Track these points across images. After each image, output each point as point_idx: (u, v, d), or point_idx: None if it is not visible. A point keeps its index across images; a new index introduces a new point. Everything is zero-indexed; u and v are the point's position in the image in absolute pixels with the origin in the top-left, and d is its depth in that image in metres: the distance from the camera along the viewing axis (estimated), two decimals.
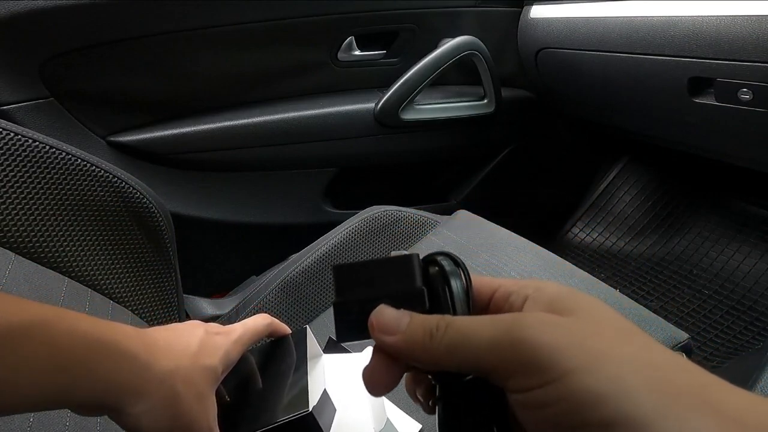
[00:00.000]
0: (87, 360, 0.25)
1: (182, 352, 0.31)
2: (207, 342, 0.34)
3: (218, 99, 1.04)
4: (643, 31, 0.90)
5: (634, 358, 0.15)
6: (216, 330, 0.36)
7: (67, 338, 0.25)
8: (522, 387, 0.16)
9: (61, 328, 0.25)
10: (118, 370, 0.27)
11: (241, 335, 0.37)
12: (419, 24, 1.12)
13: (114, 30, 0.88)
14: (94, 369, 0.26)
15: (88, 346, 0.26)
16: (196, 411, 0.31)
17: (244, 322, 0.39)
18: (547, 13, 1.11)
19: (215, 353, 0.34)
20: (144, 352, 0.29)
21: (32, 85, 0.87)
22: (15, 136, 0.59)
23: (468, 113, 1.16)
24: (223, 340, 0.35)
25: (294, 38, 1.02)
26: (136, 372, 0.28)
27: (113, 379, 0.26)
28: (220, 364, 0.34)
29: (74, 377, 0.25)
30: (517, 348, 0.16)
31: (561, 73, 1.14)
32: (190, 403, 0.31)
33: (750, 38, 0.75)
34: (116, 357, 0.27)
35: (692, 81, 0.86)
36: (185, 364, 0.31)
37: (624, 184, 1.37)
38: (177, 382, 0.30)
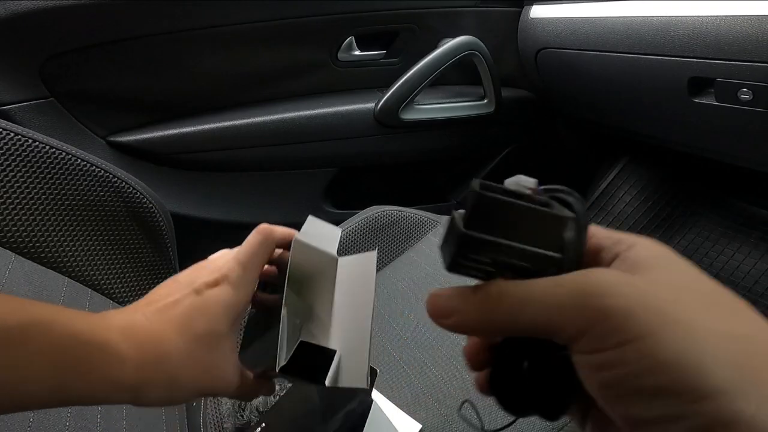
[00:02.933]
0: (81, 361, 0.25)
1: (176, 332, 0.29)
2: (198, 306, 0.31)
3: (218, 99, 1.04)
4: (643, 31, 0.90)
5: (713, 327, 0.15)
6: (205, 281, 0.32)
7: (63, 339, 0.25)
8: (591, 348, 0.16)
9: (56, 328, 0.25)
10: (111, 370, 0.26)
11: (237, 277, 0.32)
12: (419, 24, 1.12)
13: (114, 30, 0.88)
14: (88, 371, 0.26)
15: (82, 347, 0.26)
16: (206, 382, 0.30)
17: (236, 254, 0.34)
18: (547, 13, 1.11)
19: (211, 316, 0.31)
20: (136, 349, 0.28)
21: (32, 85, 0.87)
22: (15, 136, 0.59)
23: (468, 113, 1.16)
24: (216, 295, 0.31)
25: (294, 38, 1.02)
26: (129, 372, 0.27)
27: (109, 378, 0.26)
28: (221, 325, 0.31)
29: (70, 378, 0.25)
30: (590, 308, 0.16)
31: (561, 73, 1.14)
32: (196, 378, 0.30)
33: (750, 38, 0.75)
34: (109, 358, 0.26)
35: (692, 81, 0.86)
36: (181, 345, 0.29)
37: (624, 184, 1.37)
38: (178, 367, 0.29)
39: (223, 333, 0.31)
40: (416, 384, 0.64)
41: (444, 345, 0.68)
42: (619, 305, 0.15)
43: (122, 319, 0.29)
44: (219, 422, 0.66)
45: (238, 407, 0.61)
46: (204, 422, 0.67)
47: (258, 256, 0.34)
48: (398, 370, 0.67)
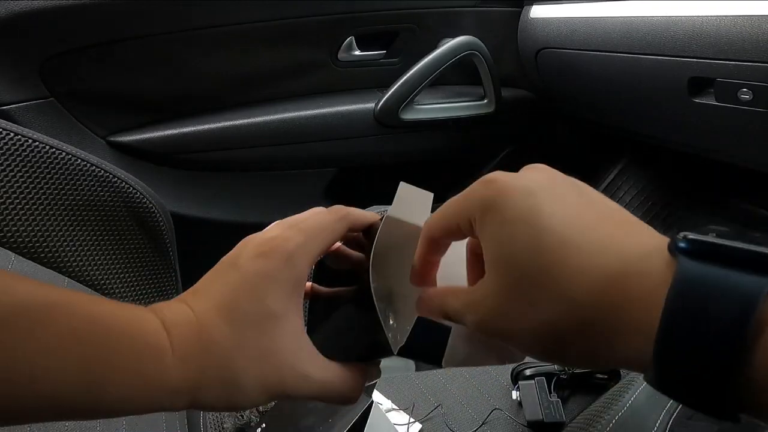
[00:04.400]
0: (110, 352, 0.22)
1: (222, 317, 0.24)
2: (242, 282, 0.25)
3: (218, 99, 1.04)
4: (643, 31, 0.90)
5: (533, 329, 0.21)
6: (251, 253, 0.26)
7: (87, 325, 0.21)
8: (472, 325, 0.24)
9: (79, 312, 0.21)
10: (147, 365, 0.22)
11: (295, 246, 0.26)
12: (419, 24, 1.12)
13: (114, 30, 0.88)
14: (120, 365, 0.22)
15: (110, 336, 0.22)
16: (271, 374, 0.25)
17: (296, 221, 0.28)
18: (547, 13, 1.11)
19: (259, 293, 0.25)
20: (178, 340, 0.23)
21: (32, 85, 0.87)
22: (15, 136, 0.59)
23: (468, 113, 1.16)
24: (263, 268, 0.26)
25: (294, 38, 1.02)
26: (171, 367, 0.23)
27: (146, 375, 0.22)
28: (273, 303, 0.25)
29: (100, 372, 0.21)
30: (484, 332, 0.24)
31: (561, 73, 1.14)
32: (257, 370, 0.24)
33: (750, 38, 0.75)
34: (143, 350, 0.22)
35: (692, 81, 0.86)
36: (229, 331, 0.24)
37: (624, 184, 1.37)
38: (230, 358, 0.24)
39: (277, 313, 0.25)
40: (416, 384, 0.64)
41: None
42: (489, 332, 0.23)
43: (159, 308, 0.25)
44: (219, 422, 0.66)
45: None
46: (204, 422, 0.67)
47: (327, 226, 0.28)
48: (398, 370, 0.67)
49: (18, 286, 0.21)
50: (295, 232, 0.27)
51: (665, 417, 0.49)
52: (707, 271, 0.17)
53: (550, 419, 0.54)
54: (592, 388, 0.58)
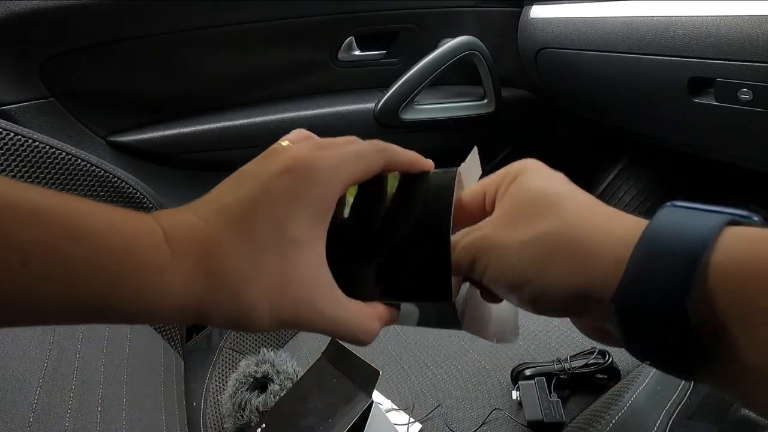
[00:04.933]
0: (105, 264, 0.19)
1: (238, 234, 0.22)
2: (264, 200, 0.23)
3: (218, 99, 1.04)
4: (643, 31, 0.90)
5: (525, 238, 0.23)
6: (275, 169, 0.24)
7: (77, 233, 0.19)
8: (477, 276, 0.26)
9: (59, 222, 0.19)
10: (147, 279, 0.20)
11: (328, 166, 0.24)
12: (419, 24, 1.12)
13: (114, 30, 0.88)
14: (117, 278, 0.20)
15: (104, 248, 0.20)
16: (286, 301, 0.23)
17: (342, 147, 0.26)
18: (547, 13, 1.11)
19: (281, 212, 0.23)
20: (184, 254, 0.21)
21: (32, 85, 0.87)
22: (15, 136, 0.59)
23: (468, 113, 1.16)
24: (289, 186, 0.23)
25: (294, 38, 1.02)
26: (175, 282, 0.21)
27: (149, 290, 0.20)
28: (295, 225, 0.23)
29: (95, 285, 0.19)
30: (469, 257, 0.25)
31: (561, 73, 1.14)
32: (271, 295, 0.22)
33: (750, 38, 0.75)
34: (142, 262, 0.20)
35: (692, 81, 0.86)
36: (244, 249, 0.22)
37: (624, 184, 1.37)
38: (243, 279, 0.22)
39: (298, 238, 0.23)
40: (416, 384, 0.64)
41: (444, 345, 0.68)
42: (477, 252, 0.25)
43: (164, 219, 0.22)
44: (219, 422, 0.66)
45: (238, 407, 0.61)
46: (204, 422, 0.67)
47: (365, 155, 0.26)
48: (398, 370, 0.67)
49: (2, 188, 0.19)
50: (329, 152, 0.25)
51: (665, 417, 0.49)
52: (680, 214, 0.21)
53: (550, 419, 0.54)
54: (592, 388, 0.58)
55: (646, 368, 0.56)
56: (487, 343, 0.66)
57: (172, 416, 0.61)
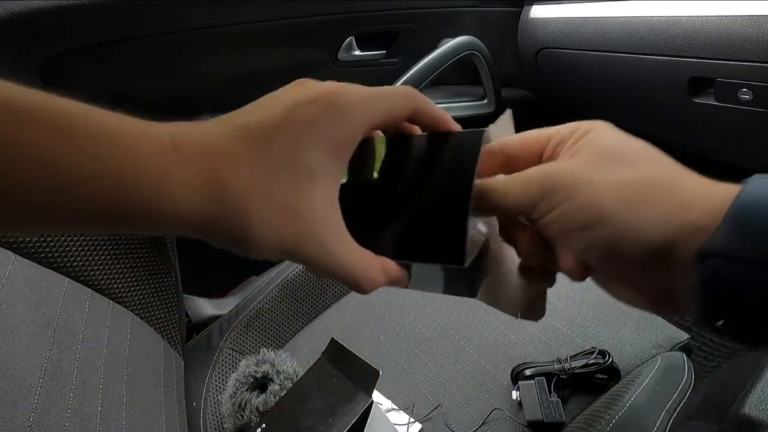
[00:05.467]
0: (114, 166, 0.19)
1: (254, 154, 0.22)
2: (288, 127, 0.22)
3: (218, 99, 1.04)
4: (643, 31, 0.90)
5: (607, 179, 0.23)
6: (304, 98, 0.23)
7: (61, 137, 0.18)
8: (540, 215, 0.24)
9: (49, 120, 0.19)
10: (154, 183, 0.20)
11: (350, 102, 0.24)
12: (419, 24, 1.12)
13: (114, 30, 0.88)
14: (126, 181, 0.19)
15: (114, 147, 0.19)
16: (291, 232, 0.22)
17: (371, 87, 0.25)
18: (547, 13, 1.11)
19: (302, 141, 0.22)
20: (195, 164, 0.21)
21: (32, 85, 0.86)
22: None
23: (468, 113, 1.16)
24: (312, 117, 0.23)
25: (294, 38, 1.02)
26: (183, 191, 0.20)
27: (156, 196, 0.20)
28: (314, 156, 0.22)
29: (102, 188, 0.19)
30: (542, 189, 0.24)
31: (561, 73, 1.14)
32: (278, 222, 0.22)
33: (750, 38, 0.75)
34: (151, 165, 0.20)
35: (692, 81, 0.86)
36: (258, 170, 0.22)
37: None
38: (251, 198, 0.21)
39: (315, 170, 0.22)
40: (416, 384, 0.64)
41: (444, 345, 0.68)
42: (557, 183, 0.23)
43: (173, 127, 0.22)
44: (219, 422, 0.66)
45: (238, 407, 0.61)
46: (204, 422, 0.67)
47: (393, 97, 0.25)
48: (398, 370, 0.67)
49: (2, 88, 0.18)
50: (358, 88, 0.24)
51: (665, 417, 0.49)
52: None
53: (550, 419, 0.54)
54: (592, 388, 0.58)
55: (646, 368, 0.56)
56: (487, 343, 0.66)
57: (172, 416, 0.61)
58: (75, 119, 0.19)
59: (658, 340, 0.61)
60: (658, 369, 0.55)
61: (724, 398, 0.50)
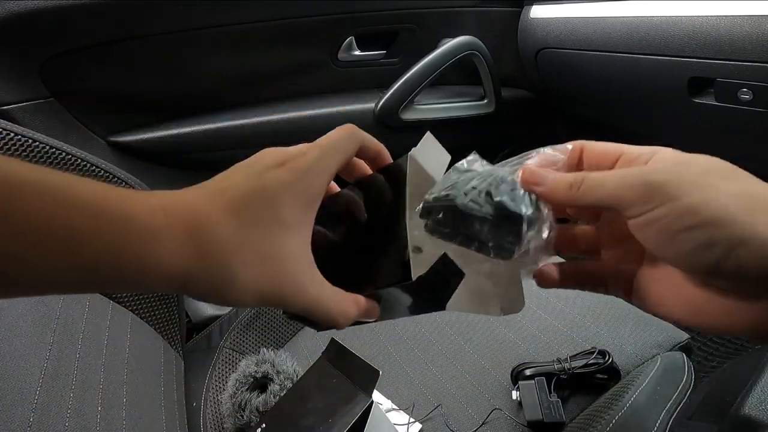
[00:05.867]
0: (104, 234, 0.21)
1: (229, 214, 0.24)
2: (258, 188, 0.25)
3: (218, 99, 1.04)
4: (643, 31, 0.90)
5: (725, 188, 0.22)
6: (269, 162, 0.27)
7: (78, 204, 0.20)
8: (642, 211, 0.23)
9: (61, 195, 0.20)
10: (145, 246, 0.22)
11: (311, 160, 0.27)
12: (419, 24, 1.12)
13: (114, 30, 0.88)
14: (115, 245, 0.21)
15: (104, 216, 0.21)
16: (267, 282, 0.25)
17: (320, 140, 0.28)
18: (547, 13, 1.11)
19: (273, 200, 0.25)
20: (178, 226, 0.23)
21: (32, 85, 0.87)
22: (15, 136, 0.59)
23: (468, 113, 1.16)
24: (281, 177, 0.26)
25: (294, 38, 1.02)
26: (167, 251, 0.22)
27: (144, 256, 0.22)
28: (285, 211, 0.25)
29: (91, 252, 0.20)
30: (646, 184, 0.23)
31: (561, 73, 1.14)
32: (254, 273, 0.24)
33: (750, 38, 0.75)
34: (140, 231, 0.22)
35: (692, 81, 0.86)
36: (233, 227, 0.24)
37: None
38: (229, 252, 0.23)
39: (288, 221, 0.25)
40: (416, 384, 0.64)
41: (444, 345, 0.68)
42: (666, 178, 0.23)
43: (161, 195, 0.24)
44: (219, 422, 0.66)
45: (238, 407, 0.61)
46: (204, 422, 0.67)
47: (340, 143, 0.28)
48: (398, 370, 0.67)
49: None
50: (311, 147, 0.27)
51: (665, 417, 0.49)
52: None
53: (550, 419, 0.54)
54: (592, 388, 0.58)
55: (646, 368, 0.56)
56: (487, 343, 0.67)
57: (172, 416, 0.61)
58: (77, 191, 0.21)
59: (658, 340, 0.61)
60: (658, 369, 0.55)
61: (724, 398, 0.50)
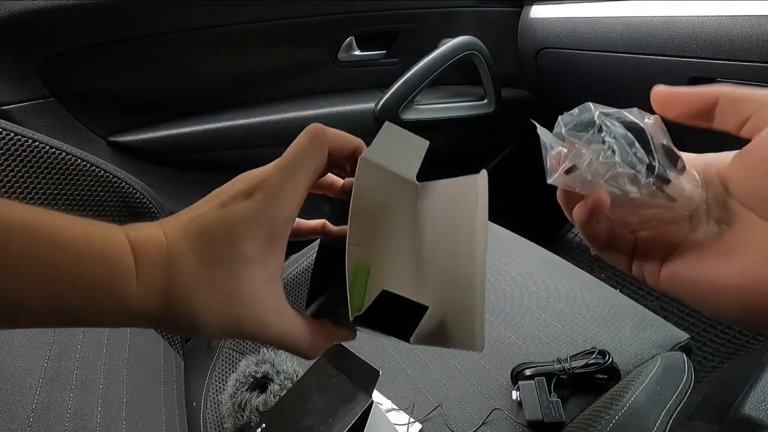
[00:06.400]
0: (78, 275, 0.22)
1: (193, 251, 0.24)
2: (220, 221, 0.25)
3: (218, 99, 1.04)
4: (643, 31, 0.90)
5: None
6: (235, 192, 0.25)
7: (53, 247, 0.21)
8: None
9: (43, 234, 0.21)
10: (116, 288, 0.22)
11: (272, 186, 0.25)
12: (419, 24, 1.12)
13: (114, 30, 0.88)
14: (89, 286, 0.22)
15: (77, 258, 0.22)
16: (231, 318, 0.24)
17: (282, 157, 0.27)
18: (547, 13, 1.11)
19: (233, 234, 0.24)
20: (145, 265, 0.23)
21: (32, 85, 0.87)
22: (15, 136, 0.59)
23: (468, 113, 1.16)
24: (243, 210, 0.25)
25: (294, 38, 1.02)
26: (135, 291, 0.23)
27: (115, 297, 0.22)
28: (245, 246, 0.24)
29: (69, 294, 0.21)
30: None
31: (561, 73, 1.14)
32: (218, 310, 0.24)
33: (750, 38, 0.75)
34: (111, 273, 0.22)
35: (692, 81, 0.86)
36: (196, 266, 0.24)
37: None
38: (193, 291, 0.24)
39: (251, 257, 0.24)
40: (416, 384, 0.64)
41: None
42: None
43: (134, 232, 0.24)
44: (219, 422, 0.66)
45: (238, 407, 0.61)
46: (204, 422, 0.67)
47: (303, 159, 0.26)
48: (398, 370, 0.67)
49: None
50: (274, 169, 0.26)
51: (665, 417, 0.49)
52: None
53: (550, 419, 0.54)
54: (592, 388, 0.58)
55: (646, 368, 0.56)
56: (487, 343, 0.66)
57: (172, 416, 0.61)
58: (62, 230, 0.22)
59: (658, 340, 0.61)
60: (658, 369, 0.55)
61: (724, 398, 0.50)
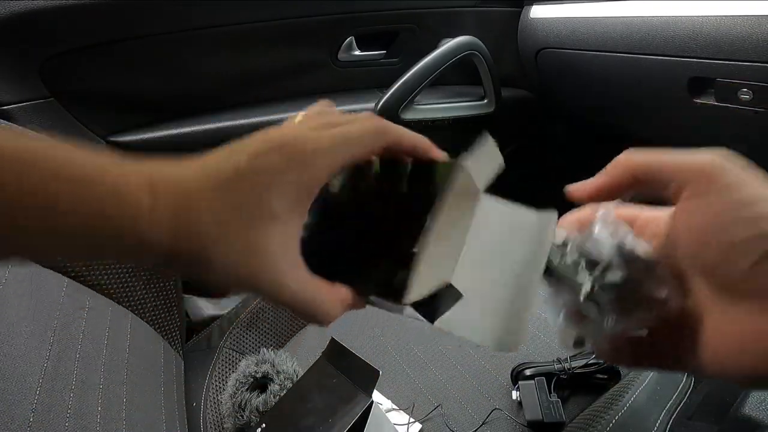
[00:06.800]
0: (89, 202, 0.21)
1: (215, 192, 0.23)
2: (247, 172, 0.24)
3: (218, 99, 1.04)
4: (643, 31, 0.90)
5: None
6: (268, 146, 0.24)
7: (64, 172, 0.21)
8: (697, 193, 0.24)
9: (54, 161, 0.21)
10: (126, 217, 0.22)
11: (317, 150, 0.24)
12: (419, 24, 1.12)
13: (114, 30, 0.88)
14: (99, 214, 0.21)
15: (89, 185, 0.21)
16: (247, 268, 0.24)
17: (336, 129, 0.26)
18: (547, 13, 1.11)
19: (261, 187, 0.24)
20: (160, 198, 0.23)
21: (32, 85, 0.87)
22: None
23: (468, 113, 1.16)
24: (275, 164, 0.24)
25: (294, 38, 1.02)
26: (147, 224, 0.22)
27: (126, 227, 0.22)
28: (273, 200, 0.24)
29: (77, 219, 0.21)
30: (703, 165, 0.24)
31: (561, 73, 1.14)
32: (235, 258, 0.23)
33: (750, 38, 0.75)
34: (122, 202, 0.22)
35: (692, 81, 0.86)
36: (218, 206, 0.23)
37: None
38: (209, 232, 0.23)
39: (275, 213, 0.24)
40: (416, 384, 0.64)
41: (444, 345, 0.69)
42: (720, 165, 0.24)
43: (154, 167, 0.23)
44: (219, 422, 0.66)
45: (238, 407, 0.61)
46: (204, 422, 0.67)
47: (360, 141, 0.26)
48: (398, 370, 0.67)
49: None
50: (321, 135, 0.25)
51: (665, 417, 0.49)
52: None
53: (550, 419, 0.54)
54: (592, 388, 0.58)
55: None
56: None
57: (172, 416, 0.61)
58: (63, 163, 0.22)
59: None
60: None
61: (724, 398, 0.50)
